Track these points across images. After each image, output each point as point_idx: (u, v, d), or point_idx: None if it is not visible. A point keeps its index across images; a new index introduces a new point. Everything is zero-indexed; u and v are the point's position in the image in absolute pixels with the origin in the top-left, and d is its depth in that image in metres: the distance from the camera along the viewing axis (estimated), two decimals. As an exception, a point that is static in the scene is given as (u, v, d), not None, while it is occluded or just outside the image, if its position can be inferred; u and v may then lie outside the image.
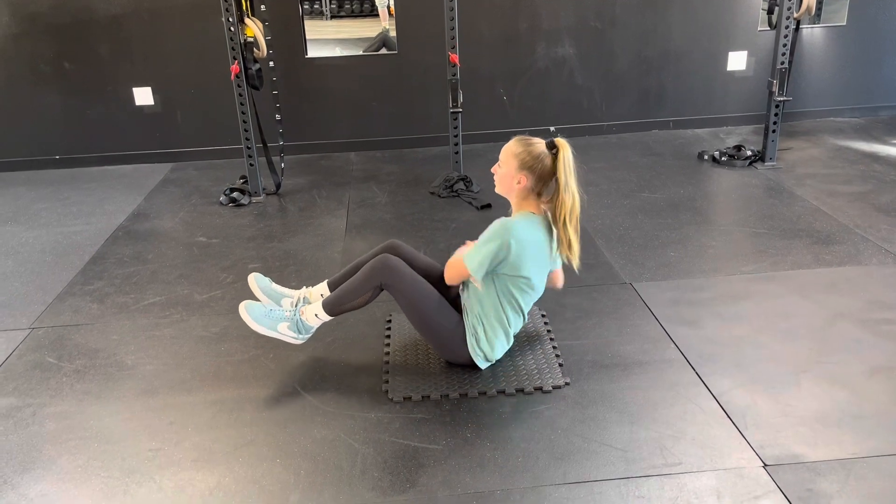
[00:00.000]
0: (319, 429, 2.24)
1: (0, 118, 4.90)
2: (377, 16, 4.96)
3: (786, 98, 4.35)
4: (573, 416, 2.25)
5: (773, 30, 4.41)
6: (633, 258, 3.33)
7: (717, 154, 4.62)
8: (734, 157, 4.56)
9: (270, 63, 4.44)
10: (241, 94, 4.06)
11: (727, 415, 2.23)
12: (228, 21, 3.91)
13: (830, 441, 2.10)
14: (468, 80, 4.58)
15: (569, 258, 2.38)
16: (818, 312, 2.80)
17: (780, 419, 2.20)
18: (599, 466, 2.03)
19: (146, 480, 2.06)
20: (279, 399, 2.40)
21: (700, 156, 4.72)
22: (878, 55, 5.30)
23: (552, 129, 5.11)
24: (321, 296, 2.55)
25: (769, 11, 4.61)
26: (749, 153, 4.55)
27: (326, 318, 2.47)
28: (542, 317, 2.81)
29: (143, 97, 4.93)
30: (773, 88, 4.33)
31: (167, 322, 2.93)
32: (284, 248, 3.61)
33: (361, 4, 4.91)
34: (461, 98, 4.14)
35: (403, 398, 2.35)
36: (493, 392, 2.37)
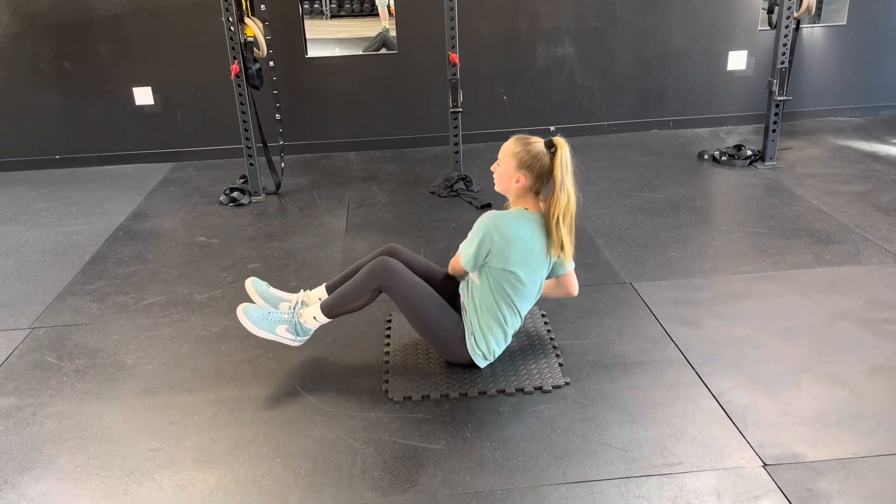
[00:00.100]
0: (319, 429, 2.24)
1: (0, 118, 4.90)
2: (377, 15, 4.96)
3: (786, 98, 4.35)
4: (573, 416, 2.25)
5: (774, 29, 4.41)
6: (633, 258, 3.33)
7: (718, 154, 4.61)
8: (734, 157, 4.56)
9: (270, 63, 4.43)
10: (241, 94, 4.06)
11: (727, 414, 2.23)
12: (228, 21, 3.91)
13: (830, 441, 2.10)
14: (468, 80, 4.58)
15: (560, 258, 2.38)
16: (818, 312, 2.80)
17: (780, 419, 2.20)
18: (599, 466, 2.03)
19: (146, 480, 2.06)
20: (279, 399, 2.40)
21: (700, 155, 4.72)
22: (878, 55, 5.30)
23: (552, 129, 5.11)
24: (319, 299, 2.55)
25: (769, 11, 4.61)
26: (749, 153, 4.55)
27: (324, 321, 2.48)
28: (542, 316, 2.81)
29: (144, 97, 4.93)
30: (774, 88, 4.32)
31: (167, 322, 2.93)
32: (284, 248, 3.61)
33: (361, 4, 4.91)
34: (461, 98, 4.14)
35: (403, 398, 2.35)
36: (493, 392, 2.37)
